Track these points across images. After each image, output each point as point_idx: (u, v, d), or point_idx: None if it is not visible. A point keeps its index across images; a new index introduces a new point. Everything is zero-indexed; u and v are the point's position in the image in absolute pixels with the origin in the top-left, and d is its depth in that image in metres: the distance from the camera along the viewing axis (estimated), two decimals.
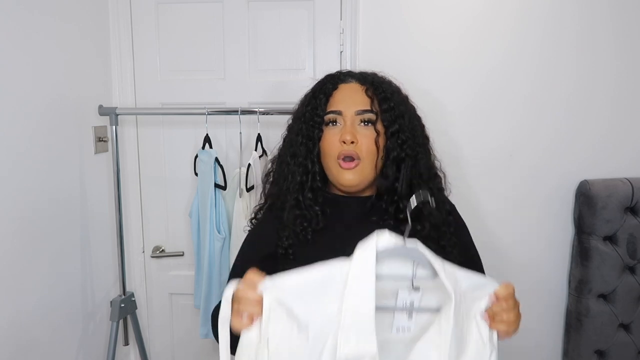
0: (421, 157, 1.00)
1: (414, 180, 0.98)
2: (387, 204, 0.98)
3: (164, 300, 1.87)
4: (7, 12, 1.21)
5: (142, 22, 1.71)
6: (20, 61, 1.26)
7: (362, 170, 0.96)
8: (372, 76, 1.04)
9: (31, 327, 1.33)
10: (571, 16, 1.57)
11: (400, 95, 1.03)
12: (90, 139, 1.60)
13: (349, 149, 0.95)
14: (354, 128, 0.97)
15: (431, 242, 0.91)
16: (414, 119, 1.03)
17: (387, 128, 0.97)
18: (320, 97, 1.02)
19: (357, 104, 0.98)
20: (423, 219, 0.95)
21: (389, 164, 0.97)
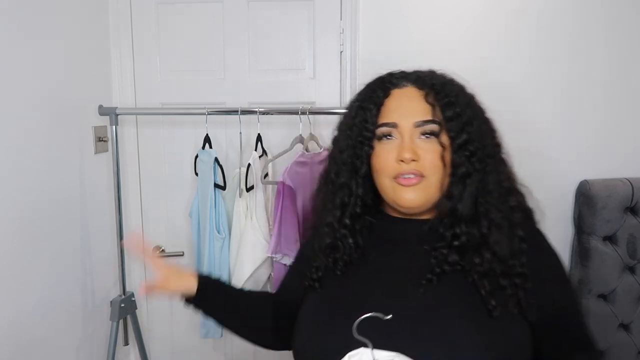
0: (490, 171, 0.81)
1: (480, 198, 0.80)
2: (444, 229, 0.80)
3: (164, 300, 1.87)
4: (7, 12, 1.21)
5: (142, 22, 1.71)
6: (20, 61, 1.26)
7: (426, 188, 0.80)
8: (430, 76, 0.86)
9: (31, 327, 1.33)
10: (569, 15, 1.57)
11: (465, 97, 0.85)
12: (90, 139, 1.60)
13: (409, 168, 0.79)
14: (413, 143, 0.80)
15: (489, 280, 0.74)
16: (483, 124, 0.84)
17: (454, 139, 0.80)
18: (369, 108, 0.84)
19: (415, 113, 0.81)
20: (485, 247, 0.77)
21: (456, 181, 0.80)
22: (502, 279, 0.75)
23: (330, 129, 1.71)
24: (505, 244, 0.77)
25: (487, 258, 0.76)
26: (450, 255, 0.77)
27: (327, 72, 1.69)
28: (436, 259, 0.78)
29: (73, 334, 1.53)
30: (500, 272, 0.75)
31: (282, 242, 1.43)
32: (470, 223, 0.78)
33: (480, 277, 0.74)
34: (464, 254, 0.77)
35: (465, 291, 0.75)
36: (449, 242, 0.79)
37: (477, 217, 0.79)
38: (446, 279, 0.76)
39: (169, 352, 1.90)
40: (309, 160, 1.49)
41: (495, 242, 0.77)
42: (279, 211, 1.43)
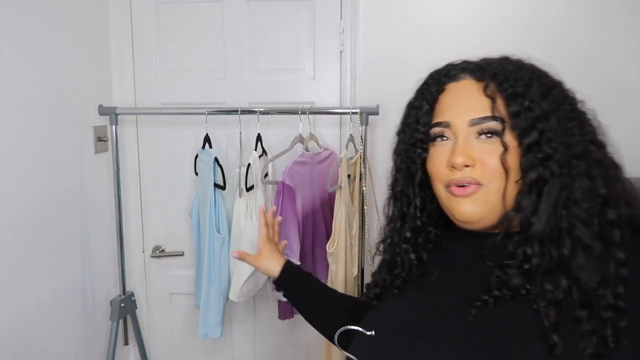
0: (578, 175, 0.64)
1: (562, 210, 0.63)
2: (515, 246, 0.65)
3: (164, 300, 1.87)
4: (7, 12, 1.21)
5: (142, 22, 1.71)
6: (20, 61, 1.26)
7: (485, 198, 0.66)
8: (497, 64, 0.72)
9: (31, 326, 1.33)
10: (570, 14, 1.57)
11: (543, 85, 0.69)
12: (90, 139, 1.60)
13: (462, 175, 0.67)
14: (468, 145, 0.67)
15: (557, 309, 0.59)
16: (569, 119, 0.67)
17: (521, 138, 0.65)
18: (421, 106, 0.74)
19: (471, 110, 0.68)
20: (563, 272, 0.61)
21: (525, 190, 0.65)
22: (580, 309, 0.59)
23: (330, 128, 1.72)
24: (594, 269, 0.60)
25: (563, 286, 0.60)
26: (514, 278, 0.63)
27: (327, 72, 1.69)
28: (497, 279, 0.64)
29: (73, 333, 1.54)
30: (580, 302, 0.59)
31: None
32: (549, 242, 0.63)
33: (546, 305, 0.59)
34: (532, 277, 0.63)
35: (525, 320, 0.61)
36: (519, 263, 0.64)
37: (558, 235, 0.63)
38: (506, 302, 0.63)
39: (169, 352, 1.91)
40: (308, 160, 1.49)
41: (579, 267, 0.60)
42: (279, 211, 1.43)
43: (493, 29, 1.59)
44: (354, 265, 1.51)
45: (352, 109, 1.47)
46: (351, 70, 1.66)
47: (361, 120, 1.47)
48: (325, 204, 1.57)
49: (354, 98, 1.66)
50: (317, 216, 1.56)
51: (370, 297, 0.78)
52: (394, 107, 1.77)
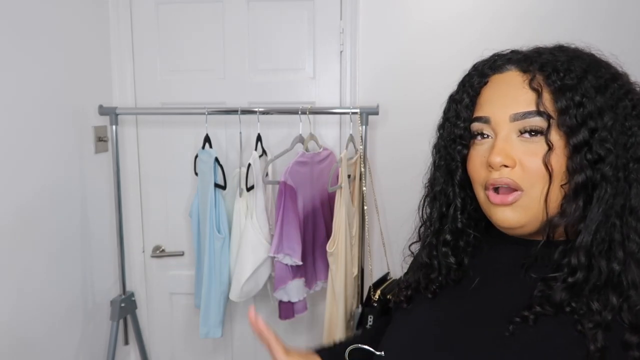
0: (636, 181, 0.57)
1: (613, 220, 0.57)
2: (561, 256, 0.59)
3: (164, 300, 1.87)
4: (7, 12, 1.21)
5: (142, 22, 1.71)
6: (21, 61, 1.27)
7: (527, 205, 0.60)
8: (547, 54, 0.65)
9: (31, 326, 1.33)
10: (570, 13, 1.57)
11: (599, 78, 0.61)
12: (90, 139, 1.60)
13: (500, 176, 0.60)
14: (508, 143, 0.61)
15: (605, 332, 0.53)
16: (627, 117, 0.59)
17: (569, 137, 0.58)
18: (462, 99, 0.68)
19: (512, 103, 0.62)
20: (613, 289, 0.55)
21: (571, 194, 0.58)
22: (631, 334, 0.53)
23: (330, 128, 1.72)
24: None
25: (613, 305, 0.54)
26: (558, 292, 0.57)
27: (327, 72, 1.69)
28: (541, 293, 0.59)
29: (73, 333, 1.54)
30: (630, 324, 0.53)
31: (284, 242, 1.43)
32: (598, 254, 0.57)
33: (593, 328, 0.54)
34: (578, 293, 0.57)
35: (568, 342, 0.55)
36: (565, 276, 0.58)
37: (609, 247, 0.57)
38: (548, 320, 0.57)
39: (169, 352, 1.91)
40: (309, 160, 1.49)
41: (632, 284, 0.55)
42: (281, 211, 1.43)
43: (493, 29, 1.59)
44: (354, 265, 1.52)
45: (352, 109, 1.47)
46: (351, 70, 1.66)
47: (361, 120, 1.47)
48: (325, 203, 1.57)
49: (354, 98, 1.66)
50: (318, 216, 1.56)
51: (401, 298, 0.72)
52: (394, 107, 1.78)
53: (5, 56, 1.21)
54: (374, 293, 1.37)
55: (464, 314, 0.63)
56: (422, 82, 1.60)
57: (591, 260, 0.56)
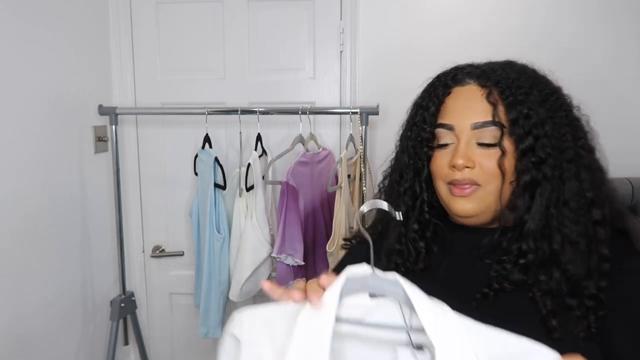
0: (568, 178, 0.70)
1: (552, 210, 0.69)
2: (509, 243, 0.71)
3: (164, 300, 1.87)
4: (7, 12, 1.21)
5: (142, 22, 1.71)
6: (21, 61, 1.26)
7: (482, 197, 0.72)
8: (500, 71, 0.76)
9: (31, 326, 1.33)
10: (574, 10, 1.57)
11: (542, 93, 0.74)
12: (90, 139, 1.60)
13: (462, 176, 0.72)
14: (469, 148, 0.73)
15: (552, 299, 0.65)
16: (562, 125, 0.72)
17: (518, 143, 0.71)
18: (428, 107, 0.78)
19: (473, 114, 0.73)
20: (554, 265, 0.67)
21: (520, 191, 0.71)
22: (570, 298, 0.66)
23: (330, 128, 1.72)
24: (581, 262, 0.67)
25: (556, 277, 0.67)
26: (513, 274, 0.69)
27: (327, 72, 1.69)
28: (497, 273, 0.70)
29: (73, 333, 1.53)
30: (568, 291, 0.66)
31: (287, 242, 1.43)
32: (540, 238, 0.69)
33: (542, 295, 0.66)
34: (528, 271, 0.69)
35: (524, 309, 0.67)
36: (514, 258, 0.69)
37: (549, 232, 0.69)
38: (504, 294, 0.69)
39: (168, 352, 1.90)
40: (309, 160, 1.49)
41: (568, 260, 0.67)
42: (284, 212, 1.43)
43: (493, 29, 1.59)
44: None
45: (352, 109, 1.47)
46: (351, 70, 1.66)
47: (361, 120, 1.47)
48: (325, 204, 1.57)
49: (354, 98, 1.66)
50: (318, 216, 1.56)
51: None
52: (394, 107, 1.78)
53: (5, 56, 1.21)
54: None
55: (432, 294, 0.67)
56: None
57: (536, 244, 0.69)
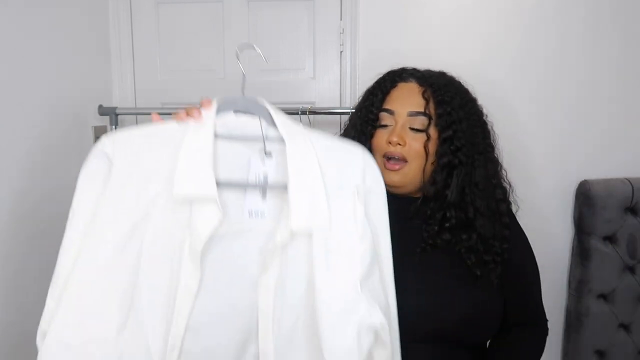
0: (478, 166, 0.94)
1: (466, 189, 0.93)
2: (433, 210, 0.94)
3: None
4: (7, 12, 1.21)
5: (142, 22, 1.71)
6: (20, 61, 1.26)
7: (407, 172, 0.94)
8: (435, 77, 0.99)
9: (31, 326, 1.33)
10: (575, 16, 1.57)
11: (463, 99, 0.98)
12: (90, 139, 1.60)
13: (395, 150, 0.93)
14: (404, 130, 0.94)
15: (474, 254, 0.91)
16: (475, 126, 0.97)
17: (441, 133, 0.93)
18: (377, 94, 1.00)
19: (410, 105, 0.95)
20: (471, 228, 0.92)
21: (439, 169, 0.94)
22: (486, 255, 0.91)
23: (330, 128, 1.72)
24: (489, 227, 0.92)
25: (474, 237, 0.92)
26: (443, 234, 0.93)
27: (327, 72, 1.69)
28: (428, 233, 0.93)
29: None
30: (484, 250, 0.92)
31: None
32: (458, 208, 0.93)
33: (466, 251, 0.91)
34: (453, 232, 0.93)
35: (454, 261, 0.92)
36: (439, 222, 0.93)
37: (465, 205, 0.93)
38: (436, 250, 0.93)
39: None
40: None
41: (480, 225, 0.92)
42: None
43: (493, 30, 1.59)
44: None
45: (352, 109, 1.46)
46: (351, 70, 1.65)
47: None
48: None
49: (354, 98, 1.65)
50: None
51: None
52: None
53: (5, 56, 1.21)
54: None
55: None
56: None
57: (456, 212, 0.93)
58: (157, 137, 0.74)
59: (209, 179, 0.69)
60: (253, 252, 0.72)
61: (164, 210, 0.70)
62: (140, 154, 0.72)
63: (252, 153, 0.75)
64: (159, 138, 0.74)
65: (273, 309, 0.70)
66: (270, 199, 0.74)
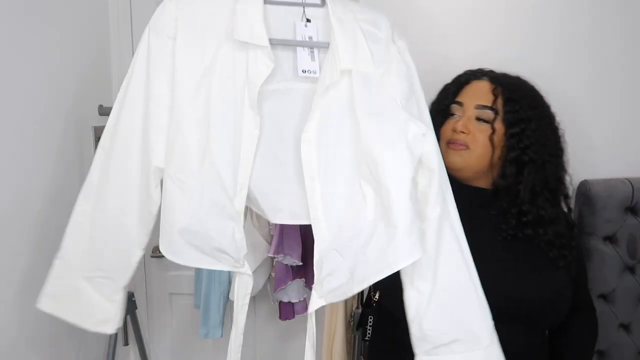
0: (549, 166, 1.02)
1: (537, 187, 1.00)
2: (508, 205, 1.02)
3: (164, 300, 1.87)
4: (6, 12, 1.21)
5: (142, 22, 1.70)
6: (20, 61, 1.26)
7: (467, 157, 1.02)
8: (508, 78, 1.08)
9: (31, 326, 1.33)
10: (577, 15, 1.57)
11: (533, 101, 1.05)
12: (90, 139, 1.60)
13: (458, 137, 1.02)
14: (469, 120, 1.03)
15: (552, 247, 1.01)
16: (546, 128, 1.05)
17: (508, 128, 1.01)
18: (451, 88, 1.11)
19: (479, 99, 1.04)
20: (546, 224, 1.01)
21: (508, 164, 1.01)
22: (563, 249, 1.01)
23: None
24: (561, 223, 1.03)
25: (549, 232, 1.00)
26: (525, 229, 1.01)
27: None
28: (507, 225, 1.01)
29: (73, 333, 1.53)
30: (560, 244, 1.01)
31: (284, 242, 1.43)
32: (532, 205, 1.00)
33: (546, 245, 1.01)
34: (532, 227, 1.01)
35: (532, 249, 1.01)
36: (516, 216, 1.01)
37: (537, 201, 1.00)
38: (516, 240, 1.01)
39: (168, 353, 1.90)
40: None
41: (553, 220, 1.01)
42: None
43: (494, 30, 1.59)
44: None
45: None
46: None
47: None
48: None
49: None
50: None
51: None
52: None
53: (4, 56, 1.21)
54: (374, 294, 1.37)
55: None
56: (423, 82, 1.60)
57: (530, 208, 1.00)
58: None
59: (262, 31, 0.79)
60: (300, 107, 0.84)
61: (224, 63, 0.81)
62: (200, 11, 0.82)
63: (295, 18, 0.86)
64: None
65: (317, 153, 0.82)
66: (317, 59, 0.86)
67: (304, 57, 0.85)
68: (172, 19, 0.83)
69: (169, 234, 0.80)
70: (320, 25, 0.87)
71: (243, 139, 0.79)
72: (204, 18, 0.82)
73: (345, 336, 1.47)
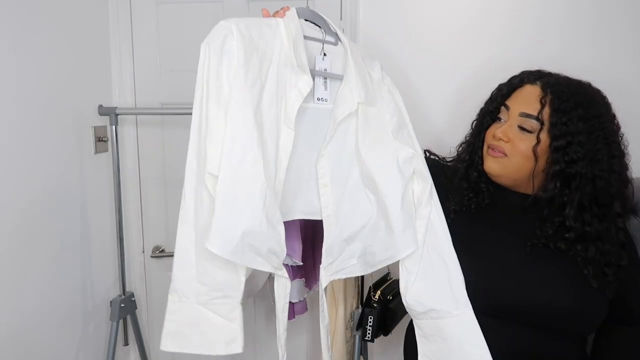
0: (599, 182, 0.92)
1: (585, 202, 0.93)
2: (550, 213, 0.96)
3: (164, 300, 1.85)
4: (6, 12, 1.21)
5: (142, 22, 1.71)
6: (20, 61, 1.26)
7: (505, 165, 0.99)
8: (564, 85, 0.98)
9: (31, 327, 1.33)
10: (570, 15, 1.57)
11: (588, 113, 0.94)
12: (90, 139, 1.60)
13: (497, 144, 0.99)
14: (510, 128, 0.98)
15: (592, 265, 0.92)
16: (599, 141, 0.93)
17: (553, 141, 0.93)
18: (503, 89, 1.05)
19: (525, 106, 0.98)
20: (589, 241, 0.93)
21: (550, 177, 0.94)
22: (607, 268, 0.92)
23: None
24: (607, 242, 0.93)
25: (591, 250, 0.92)
26: (559, 242, 0.94)
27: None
28: (542, 233, 0.96)
29: (73, 334, 1.53)
30: (605, 263, 0.92)
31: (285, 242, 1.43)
32: (576, 221, 0.93)
33: (583, 261, 0.92)
34: (568, 242, 0.94)
35: (564, 261, 0.94)
36: (555, 228, 0.95)
37: (583, 218, 0.93)
38: (547, 248, 0.95)
39: (168, 353, 1.90)
40: None
41: (596, 238, 0.93)
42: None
43: (494, 31, 1.59)
44: None
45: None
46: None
47: None
48: None
49: None
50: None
51: (448, 210, 1.04)
52: None
53: (4, 56, 1.21)
54: (374, 293, 1.37)
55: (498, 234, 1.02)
56: (423, 82, 1.60)
57: (576, 223, 0.93)
58: (263, 26, 1.00)
59: (306, 60, 0.94)
60: (321, 126, 1.00)
61: (271, 83, 0.93)
62: (254, 39, 0.95)
63: (315, 52, 0.99)
64: (265, 27, 1.00)
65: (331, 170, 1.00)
66: (329, 88, 1.01)
67: (319, 86, 1.00)
68: (233, 39, 0.96)
69: (229, 236, 0.88)
70: (334, 60, 1.02)
71: (280, 152, 0.93)
72: (258, 42, 0.95)
73: (345, 336, 1.47)
